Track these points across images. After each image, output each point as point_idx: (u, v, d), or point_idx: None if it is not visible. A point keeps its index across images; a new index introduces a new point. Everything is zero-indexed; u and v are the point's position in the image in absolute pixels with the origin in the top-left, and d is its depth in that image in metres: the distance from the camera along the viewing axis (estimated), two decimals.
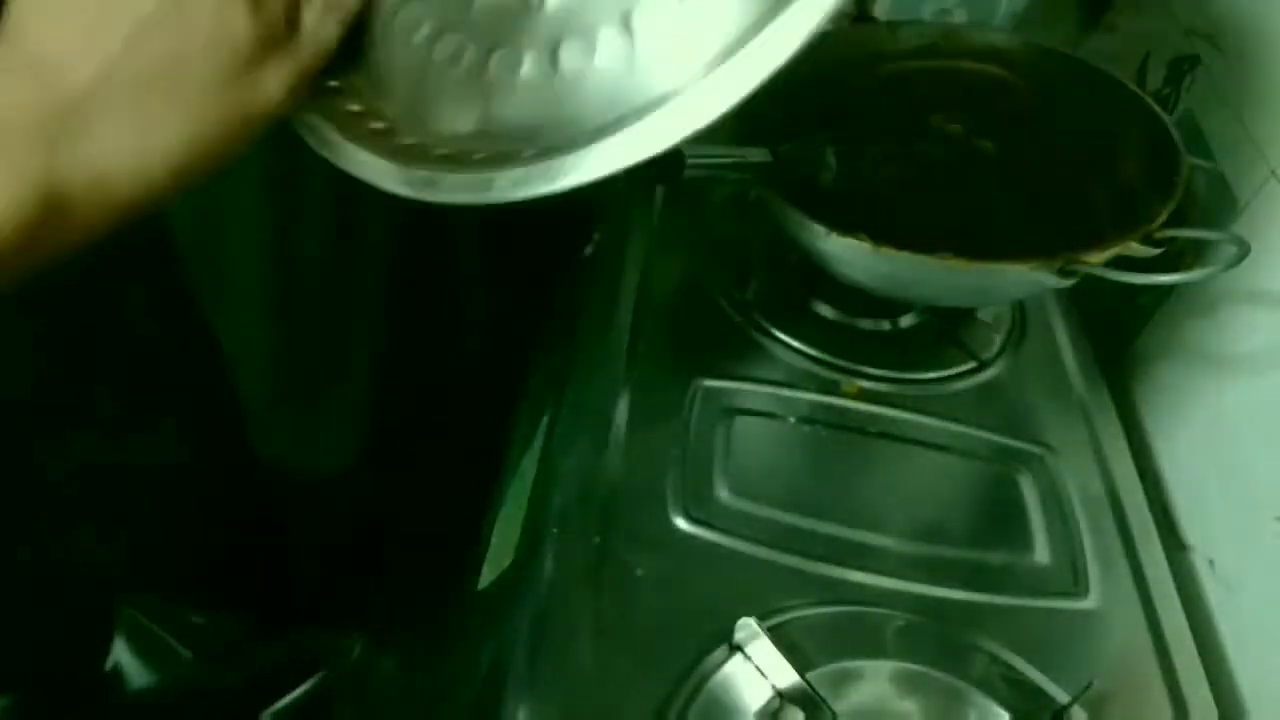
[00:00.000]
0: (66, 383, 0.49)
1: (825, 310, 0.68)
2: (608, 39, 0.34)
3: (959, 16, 1.07)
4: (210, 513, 0.64)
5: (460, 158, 0.36)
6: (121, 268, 0.51)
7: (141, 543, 0.54)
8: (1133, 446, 0.65)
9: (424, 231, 1.08)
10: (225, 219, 1.06)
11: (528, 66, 0.35)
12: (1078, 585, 0.55)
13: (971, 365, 0.67)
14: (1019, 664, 0.50)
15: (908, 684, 0.47)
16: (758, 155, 0.62)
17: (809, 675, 0.45)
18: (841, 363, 0.64)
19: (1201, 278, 0.63)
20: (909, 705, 0.47)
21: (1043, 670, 0.50)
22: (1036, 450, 0.62)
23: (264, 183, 1.01)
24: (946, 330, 0.68)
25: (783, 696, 0.46)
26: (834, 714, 0.44)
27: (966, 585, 0.53)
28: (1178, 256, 0.67)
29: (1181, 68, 0.73)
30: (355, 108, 0.38)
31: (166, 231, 0.62)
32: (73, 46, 0.32)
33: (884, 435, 0.61)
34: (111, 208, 0.32)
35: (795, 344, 0.65)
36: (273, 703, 0.52)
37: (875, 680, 0.47)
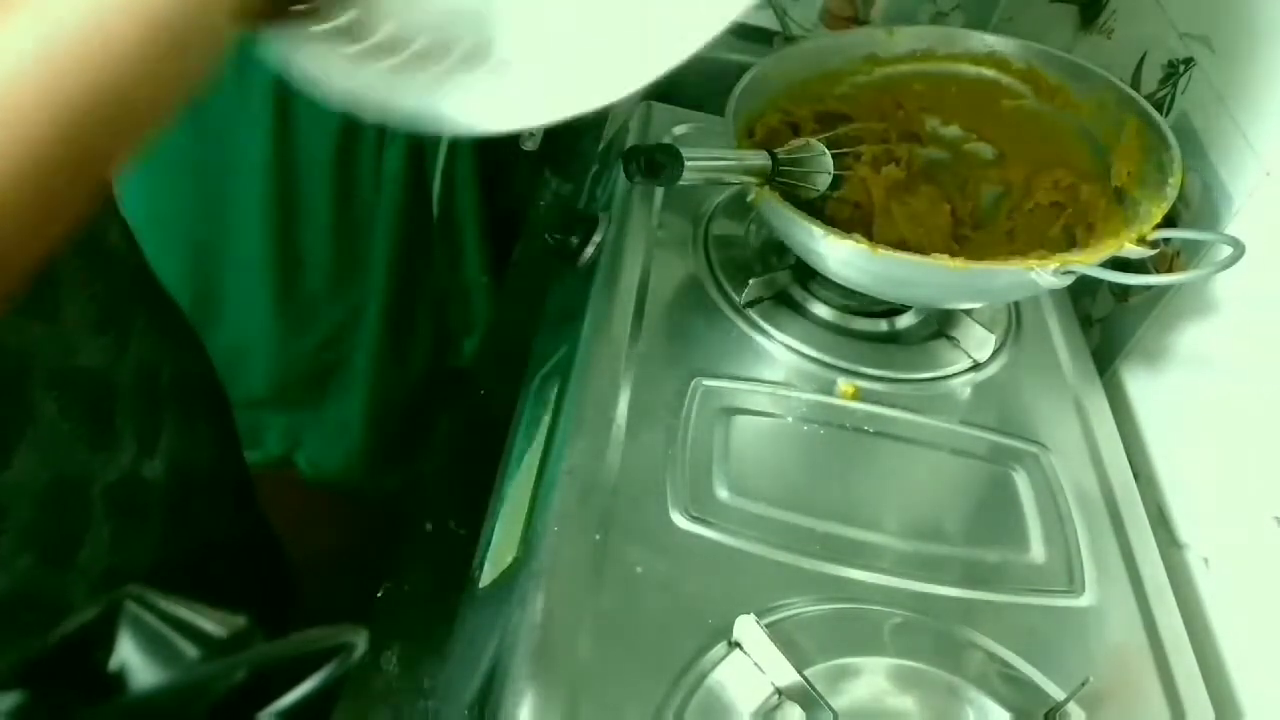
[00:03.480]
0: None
1: (822, 311, 0.68)
2: None
3: (955, 19, 1.08)
4: (203, 517, 0.64)
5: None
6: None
7: (114, 557, 0.54)
8: (1128, 445, 0.65)
9: (424, 233, 1.08)
10: (226, 223, 1.06)
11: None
12: (1073, 583, 0.55)
13: (967, 365, 0.67)
14: (1015, 661, 0.50)
15: (905, 681, 0.48)
16: (756, 157, 0.63)
17: (807, 672, 0.45)
18: (839, 362, 0.65)
19: (1197, 279, 0.63)
20: (906, 702, 0.47)
21: (1039, 667, 0.50)
22: (1032, 449, 0.62)
23: (264, 184, 1.02)
24: (943, 330, 0.69)
25: (781, 693, 0.46)
26: (832, 711, 0.44)
27: (963, 583, 0.54)
28: (1173, 257, 0.68)
29: (1176, 69, 0.74)
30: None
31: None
32: None
33: (881, 434, 0.61)
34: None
35: (793, 344, 0.65)
36: (273, 702, 0.52)
37: (873, 677, 0.48)
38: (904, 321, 0.69)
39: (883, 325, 0.68)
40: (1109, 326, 0.75)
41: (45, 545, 0.50)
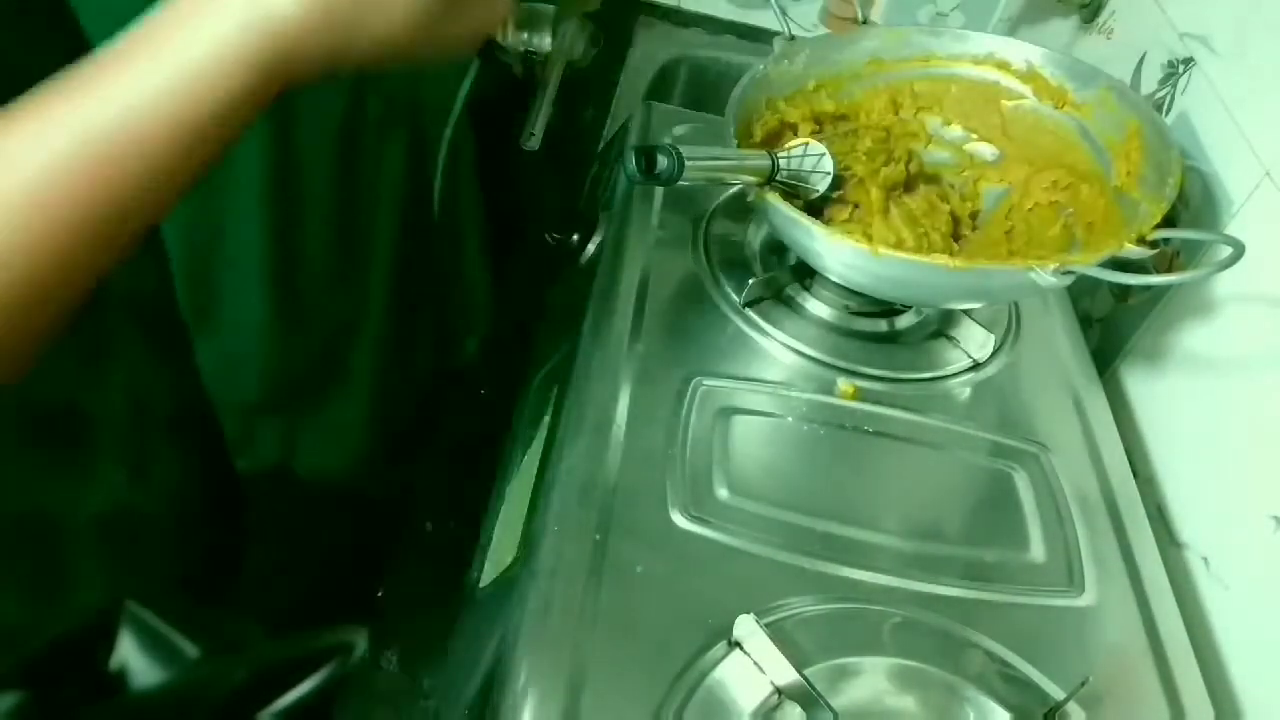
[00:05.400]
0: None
1: (822, 310, 0.68)
2: None
3: (955, 20, 1.08)
4: (205, 519, 0.63)
5: None
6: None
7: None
8: (1127, 445, 0.65)
9: (425, 233, 1.08)
10: (224, 224, 1.06)
11: None
12: (1073, 583, 0.55)
13: (967, 365, 0.67)
14: (1015, 660, 0.50)
15: (905, 680, 0.48)
16: (756, 157, 0.63)
17: (807, 672, 0.45)
18: (838, 362, 0.65)
19: (1196, 279, 0.63)
20: (906, 701, 0.47)
21: (1038, 667, 0.50)
22: (1032, 449, 0.62)
23: (263, 184, 1.02)
24: (943, 330, 0.69)
25: (781, 693, 0.46)
26: (832, 711, 0.44)
27: (963, 583, 0.54)
28: (1173, 257, 0.68)
29: (1176, 69, 0.74)
30: None
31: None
32: None
33: (881, 434, 0.61)
34: None
35: (793, 344, 0.65)
36: (274, 701, 0.52)
37: (873, 677, 0.48)
38: (904, 321, 0.69)
39: (883, 325, 0.68)
40: (1109, 326, 0.75)
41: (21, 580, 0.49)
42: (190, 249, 1.07)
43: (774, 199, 0.61)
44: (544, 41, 1.11)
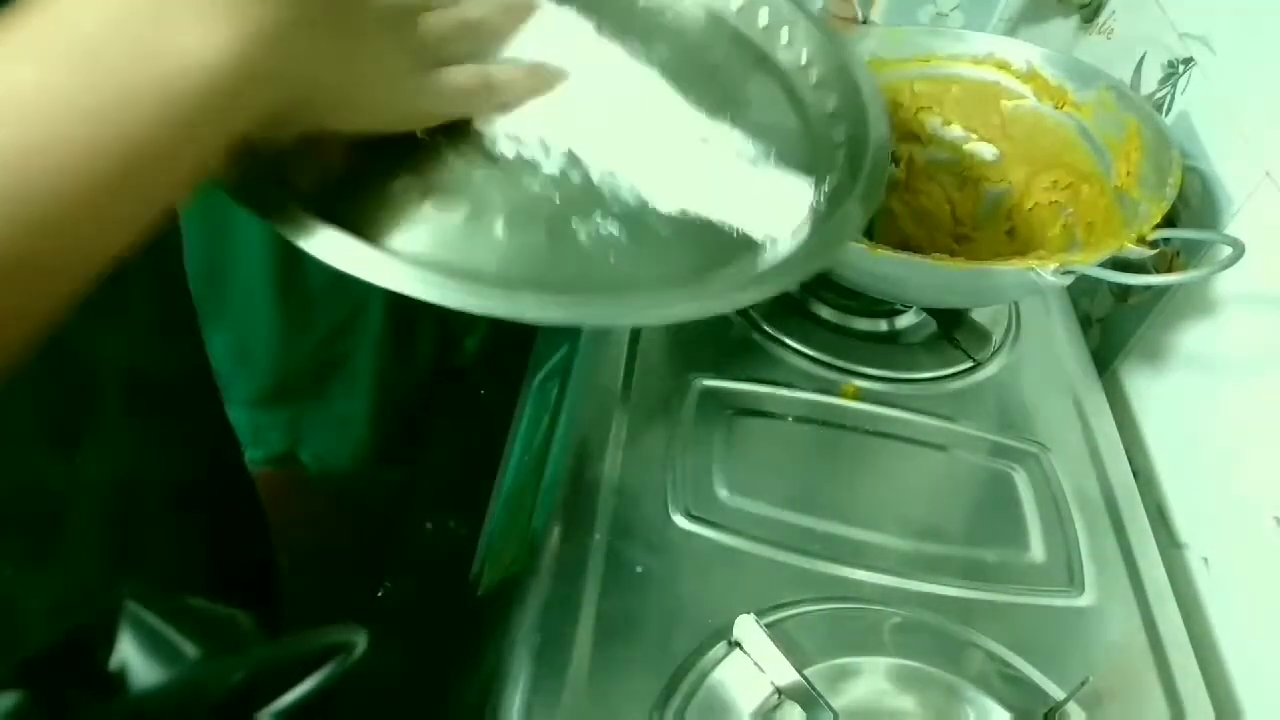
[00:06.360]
0: None
1: (823, 311, 0.68)
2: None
3: (955, 20, 1.08)
4: (205, 515, 0.63)
5: None
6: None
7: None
8: (1128, 445, 0.65)
9: None
10: (230, 221, 1.06)
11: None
12: (1073, 583, 0.55)
13: (968, 365, 0.67)
14: (1015, 661, 0.50)
15: (905, 681, 0.48)
16: None
17: (807, 672, 0.45)
18: (839, 362, 0.65)
19: (1197, 279, 0.63)
20: (906, 702, 0.47)
21: (1038, 667, 0.50)
22: (1032, 449, 0.62)
23: None
24: (943, 330, 0.69)
25: (781, 693, 0.46)
26: (832, 711, 0.44)
27: (963, 583, 0.54)
28: (1173, 257, 0.68)
29: (1176, 69, 0.74)
30: None
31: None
32: None
33: (881, 434, 0.61)
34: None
35: (793, 344, 0.65)
36: (274, 701, 0.52)
37: (873, 677, 0.48)
38: (904, 321, 0.69)
39: (883, 325, 0.68)
40: (1109, 326, 0.75)
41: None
42: (199, 245, 1.07)
43: None
44: None
